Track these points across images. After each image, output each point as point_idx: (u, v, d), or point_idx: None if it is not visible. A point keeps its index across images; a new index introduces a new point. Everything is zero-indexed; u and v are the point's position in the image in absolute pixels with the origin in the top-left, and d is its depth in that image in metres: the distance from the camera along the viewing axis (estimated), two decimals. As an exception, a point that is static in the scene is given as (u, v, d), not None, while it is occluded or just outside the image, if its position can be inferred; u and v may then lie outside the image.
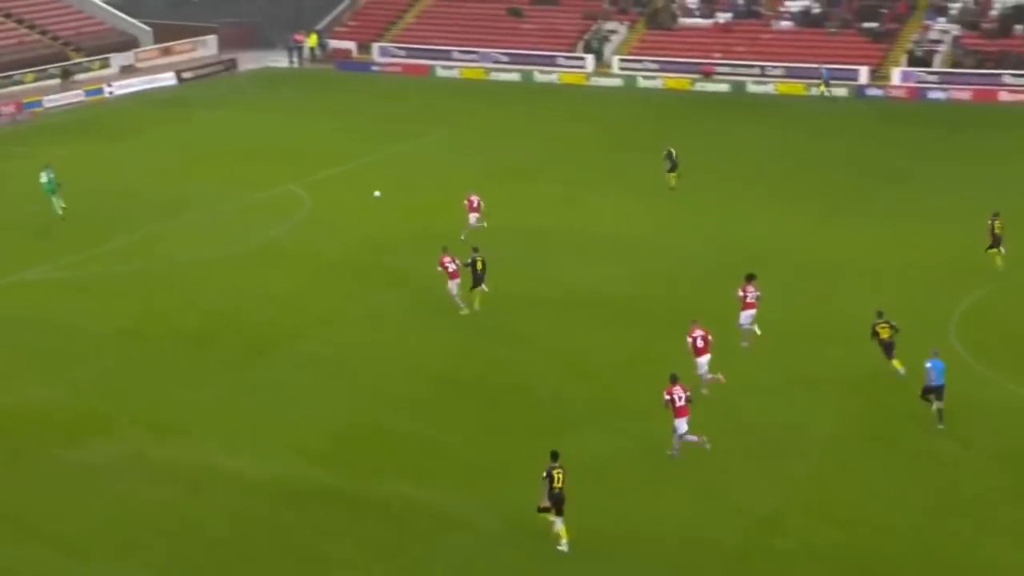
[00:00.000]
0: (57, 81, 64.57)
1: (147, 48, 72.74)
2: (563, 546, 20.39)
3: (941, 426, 24.23)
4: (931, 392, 24.38)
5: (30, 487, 22.64)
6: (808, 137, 51.86)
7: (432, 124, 54.92)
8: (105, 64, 68.48)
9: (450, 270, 30.55)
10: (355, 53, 73.82)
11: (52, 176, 40.18)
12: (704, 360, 25.62)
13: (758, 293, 28.10)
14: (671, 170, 42.71)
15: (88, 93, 62.53)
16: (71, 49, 68.86)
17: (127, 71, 69.00)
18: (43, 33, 69.26)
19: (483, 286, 30.75)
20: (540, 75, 67.24)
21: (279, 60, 74.65)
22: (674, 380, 23.19)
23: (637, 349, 28.54)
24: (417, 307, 31.51)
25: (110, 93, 63.58)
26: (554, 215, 39.95)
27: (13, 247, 36.73)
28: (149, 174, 45.76)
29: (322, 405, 25.87)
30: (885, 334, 26.54)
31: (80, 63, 67.14)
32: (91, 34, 71.34)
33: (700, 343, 25.60)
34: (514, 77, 67.60)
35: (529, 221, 39.17)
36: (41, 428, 24.81)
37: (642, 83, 64.91)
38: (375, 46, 73.02)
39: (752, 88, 62.37)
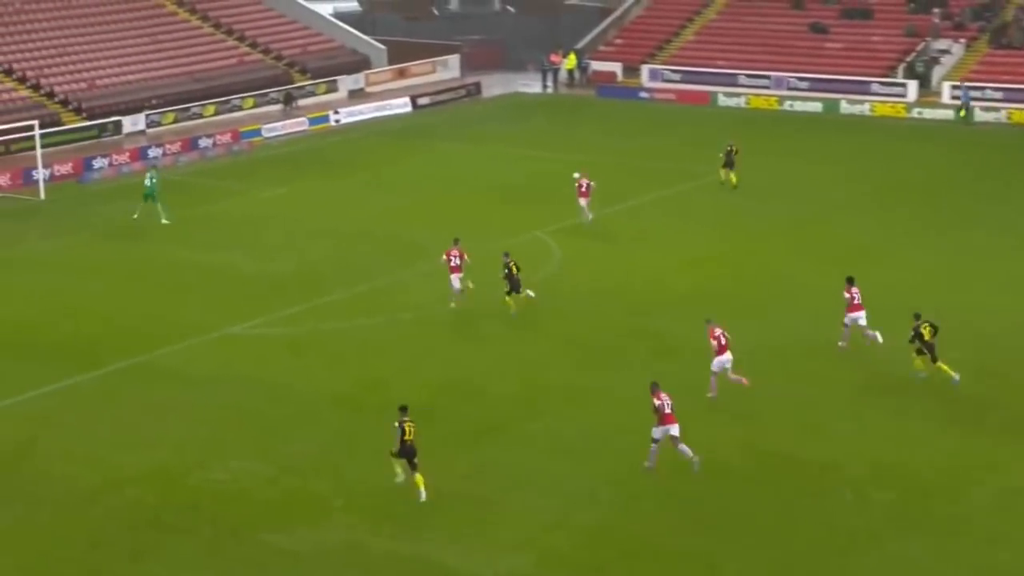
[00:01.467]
0: (279, 107, 68.52)
1: (380, 69, 76.23)
2: (422, 496, 25.62)
3: None
4: None
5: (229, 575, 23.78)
6: None
7: (712, 162, 54.96)
8: (332, 88, 72.21)
9: (452, 264, 36.21)
10: (620, 77, 75.00)
11: (155, 180, 46.14)
12: (727, 358, 30.14)
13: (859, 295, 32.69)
14: (726, 165, 49.72)
15: (312, 121, 66.02)
16: (296, 71, 72.97)
17: (356, 96, 72.51)
18: (265, 52, 73.70)
19: (528, 291, 36.19)
20: (847, 105, 66.40)
21: (530, 84, 76.70)
22: (657, 387, 26.91)
23: (965, 448, 27.59)
24: (685, 384, 31.38)
25: (336, 121, 66.91)
26: (859, 275, 39.18)
27: (224, 296, 38.98)
28: (377, 216, 47.72)
29: (565, 496, 26.10)
30: (928, 334, 30.23)
31: (304, 87, 71.04)
32: (318, 53, 75.39)
33: (723, 340, 30.16)
34: (814, 107, 67.01)
35: (825, 280, 38.60)
36: (244, 507, 26.05)
37: (980, 115, 63.00)
38: (644, 68, 74.00)
39: None
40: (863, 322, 32.60)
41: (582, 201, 45.02)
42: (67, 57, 66.63)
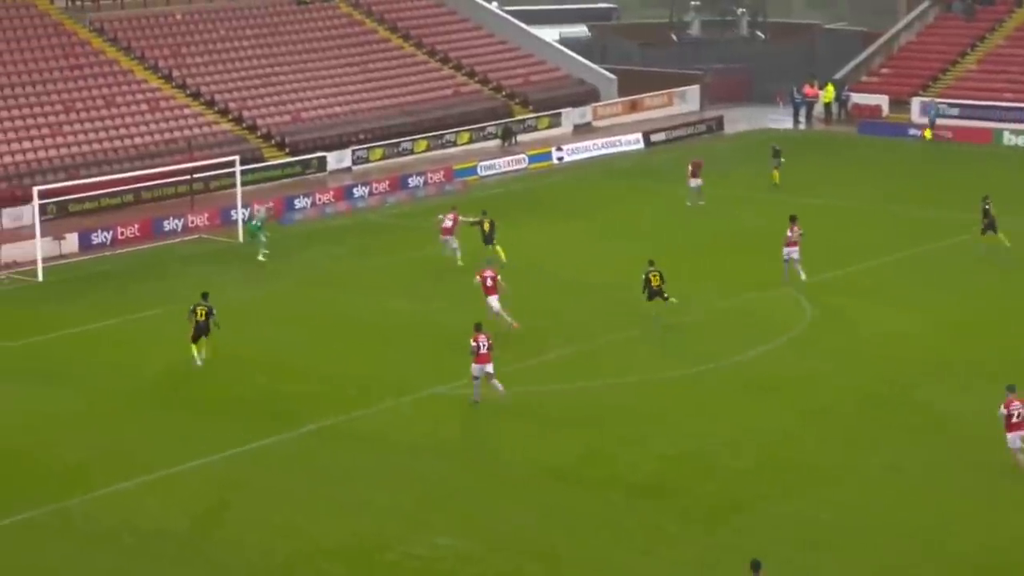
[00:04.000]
0: (496, 143, 69.70)
1: (609, 102, 76.84)
2: (199, 361, 37.76)
3: None
4: None
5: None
6: None
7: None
8: (555, 122, 73.09)
9: (446, 225, 47.19)
10: (886, 111, 73.98)
11: (264, 218, 50.94)
12: (493, 299, 39.19)
13: (801, 232, 43.63)
14: (776, 167, 58.63)
15: (532, 158, 66.93)
16: (516, 103, 74.14)
17: (582, 131, 73.24)
18: (484, 82, 75.10)
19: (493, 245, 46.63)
20: None
21: (781, 120, 76.30)
22: (479, 328, 34.39)
23: None
24: (951, 462, 30.83)
25: (559, 159, 67.72)
26: None
27: (431, 352, 39.63)
28: (600, 265, 47.98)
29: (813, 593, 25.81)
30: (656, 282, 39.44)
31: (524, 120, 72.12)
32: (541, 84, 76.46)
33: (490, 283, 39.27)
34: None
35: None
36: (448, 587, 26.49)
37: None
38: (915, 102, 72.87)
39: None
40: (796, 256, 43.56)
41: (693, 183, 54.13)
42: (271, 88, 69.05)
